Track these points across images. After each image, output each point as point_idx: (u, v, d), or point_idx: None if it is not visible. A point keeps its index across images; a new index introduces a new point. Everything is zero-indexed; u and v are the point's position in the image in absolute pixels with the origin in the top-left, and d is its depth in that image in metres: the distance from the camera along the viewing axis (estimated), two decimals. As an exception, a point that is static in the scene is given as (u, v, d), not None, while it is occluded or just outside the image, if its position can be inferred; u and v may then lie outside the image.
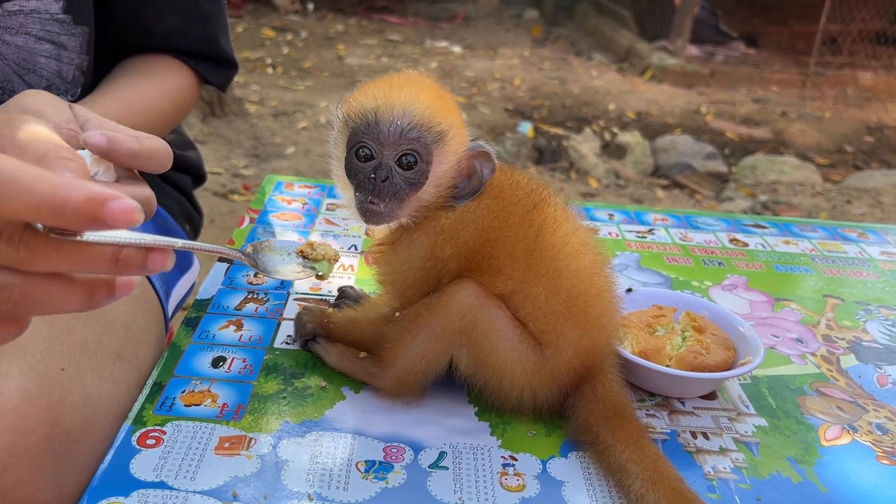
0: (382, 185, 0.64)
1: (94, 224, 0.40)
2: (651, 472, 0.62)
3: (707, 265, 1.07)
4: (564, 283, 0.68)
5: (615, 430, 0.66)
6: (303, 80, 4.87)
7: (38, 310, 0.44)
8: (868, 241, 1.21)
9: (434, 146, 0.65)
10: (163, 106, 0.94)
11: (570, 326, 0.68)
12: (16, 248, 0.41)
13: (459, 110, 0.69)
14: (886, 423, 0.76)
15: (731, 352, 0.77)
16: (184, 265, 1.07)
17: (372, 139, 0.64)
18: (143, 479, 0.60)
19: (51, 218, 0.40)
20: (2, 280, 0.42)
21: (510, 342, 0.67)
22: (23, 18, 0.83)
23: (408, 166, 0.65)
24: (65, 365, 0.65)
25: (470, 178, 0.68)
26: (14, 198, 0.39)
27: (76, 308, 0.45)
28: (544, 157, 3.82)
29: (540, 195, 0.70)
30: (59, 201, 0.39)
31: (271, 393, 0.72)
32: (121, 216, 0.40)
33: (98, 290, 0.45)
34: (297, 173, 3.32)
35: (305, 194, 1.18)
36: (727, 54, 6.15)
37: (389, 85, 0.65)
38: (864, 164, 4.21)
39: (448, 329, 0.67)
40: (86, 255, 0.43)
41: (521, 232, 0.68)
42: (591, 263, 0.71)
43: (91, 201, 0.39)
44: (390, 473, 0.63)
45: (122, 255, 0.43)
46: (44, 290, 0.44)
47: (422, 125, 0.64)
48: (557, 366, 0.68)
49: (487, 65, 5.64)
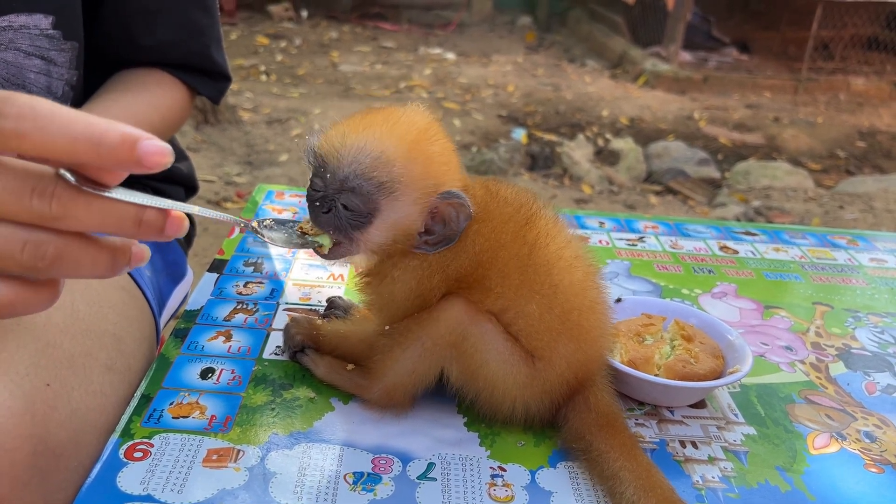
0: (324, 216, 0.64)
1: (128, 162, 0.40)
2: (644, 481, 0.62)
3: (697, 273, 1.07)
4: (559, 299, 0.67)
5: (608, 439, 0.66)
6: (296, 88, 4.87)
7: (69, 270, 0.44)
8: (857, 248, 1.21)
9: (378, 196, 0.63)
10: (151, 120, 0.94)
11: (563, 341, 0.68)
12: (48, 202, 0.41)
13: (444, 155, 0.66)
14: (875, 430, 0.76)
15: (719, 360, 0.78)
16: (177, 275, 1.07)
17: (320, 178, 0.64)
18: (129, 493, 0.60)
19: (88, 153, 0.40)
20: (36, 237, 0.42)
21: (501, 355, 0.67)
22: (12, 34, 0.83)
23: (348, 209, 0.63)
24: (50, 380, 0.65)
25: (445, 223, 0.65)
26: (54, 133, 0.40)
27: (101, 272, 0.45)
28: (537, 164, 3.83)
29: (530, 209, 0.69)
30: (97, 137, 0.40)
31: (260, 404, 0.72)
32: (154, 155, 0.40)
33: (119, 255, 0.45)
34: (291, 181, 3.32)
35: (296, 203, 1.18)
36: (720, 60, 6.17)
37: (356, 125, 0.64)
38: (856, 169, 4.23)
39: (438, 343, 0.67)
40: (113, 212, 0.43)
41: (513, 250, 0.67)
42: (584, 276, 0.70)
43: (126, 138, 0.40)
44: (378, 485, 0.63)
45: (145, 216, 0.44)
46: (76, 248, 0.43)
47: (364, 175, 0.62)
48: (550, 378, 0.68)
49: (481, 71, 5.65)
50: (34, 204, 0.41)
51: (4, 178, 0.41)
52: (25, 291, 0.45)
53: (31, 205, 0.41)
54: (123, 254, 0.45)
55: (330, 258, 0.68)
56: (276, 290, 0.92)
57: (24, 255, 0.42)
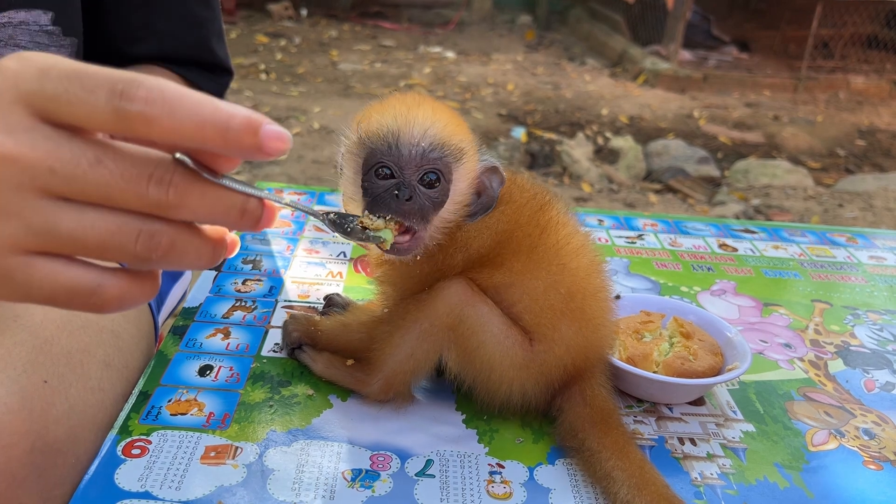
0: (406, 205, 0.63)
1: (250, 148, 0.38)
2: (637, 479, 0.62)
3: (696, 270, 1.07)
4: (565, 279, 0.69)
5: (601, 437, 0.66)
6: (296, 86, 4.87)
7: (176, 262, 0.42)
8: (857, 245, 1.21)
9: (454, 164, 0.64)
10: None
11: (566, 322, 0.69)
12: (166, 189, 0.39)
13: (469, 128, 0.69)
14: (873, 427, 0.76)
15: (718, 357, 0.77)
16: (175, 273, 1.07)
17: (393, 160, 0.63)
18: (127, 490, 0.59)
19: (215, 139, 0.38)
20: (150, 227, 0.40)
21: (497, 337, 0.67)
22: (11, 30, 0.82)
23: (429, 185, 0.64)
24: (48, 377, 0.65)
25: (480, 194, 0.68)
26: (183, 117, 0.37)
27: (204, 263, 0.43)
28: (537, 162, 3.83)
29: (544, 197, 0.72)
30: (224, 121, 0.38)
31: (258, 401, 0.71)
32: (275, 140, 0.39)
33: (219, 245, 0.43)
34: (290, 179, 3.32)
35: (294, 200, 1.18)
36: (719, 59, 6.17)
37: (405, 105, 0.64)
38: (855, 167, 4.22)
39: (435, 324, 0.67)
40: (224, 201, 0.41)
41: (527, 230, 0.69)
42: (590, 263, 0.72)
43: (251, 123, 0.38)
44: (377, 482, 0.63)
45: (249, 205, 0.42)
46: (186, 238, 0.41)
47: (443, 144, 0.63)
48: (548, 361, 0.69)
49: (481, 70, 5.65)
50: (151, 191, 0.39)
51: (122, 165, 0.39)
52: (132, 283, 0.42)
53: (147, 192, 0.39)
54: (222, 244, 0.43)
55: (394, 253, 0.66)
56: (275, 288, 0.92)
57: (138, 246, 0.40)
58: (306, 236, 1.07)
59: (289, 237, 1.06)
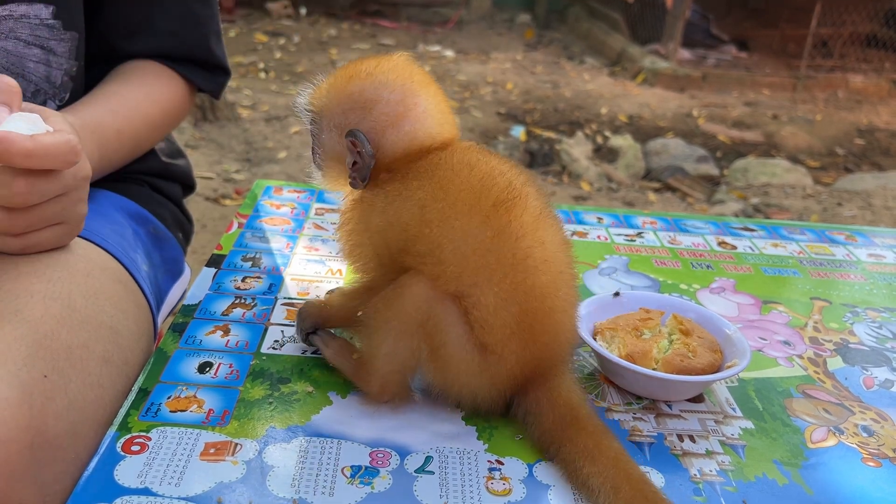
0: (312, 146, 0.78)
1: None
2: (612, 481, 0.61)
3: (695, 268, 1.07)
4: (518, 298, 0.65)
5: (572, 441, 0.65)
6: (295, 85, 4.85)
7: None
8: (856, 243, 1.21)
9: (314, 124, 0.76)
10: (149, 113, 0.94)
11: (515, 340, 0.66)
12: None
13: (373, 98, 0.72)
14: (872, 425, 0.76)
15: (717, 354, 0.78)
16: (175, 272, 1.07)
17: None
18: (126, 486, 0.59)
19: None
20: None
21: (458, 339, 0.66)
22: (12, 23, 0.82)
23: (314, 134, 0.77)
24: (48, 371, 0.65)
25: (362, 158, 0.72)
26: None
27: None
28: (536, 161, 3.83)
29: (511, 193, 0.66)
30: None
31: (257, 398, 0.72)
32: None
33: None
34: (289, 178, 3.32)
35: (294, 199, 1.18)
36: (719, 58, 6.17)
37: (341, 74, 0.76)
38: (854, 166, 4.23)
39: (406, 322, 0.66)
40: None
41: (470, 226, 0.65)
42: (548, 282, 0.67)
43: None
44: (376, 478, 0.63)
45: None
46: None
47: (308, 104, 0.76)
48: (500, 373, 0.67)
49: (480, 69, 5.65)
50: None
51: None
52: None
53: None
54: None
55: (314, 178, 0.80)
56: (275, 285, 0.92)
57: None
58: (306, 234, 1.07)
59: (288, 235, 1.06)
